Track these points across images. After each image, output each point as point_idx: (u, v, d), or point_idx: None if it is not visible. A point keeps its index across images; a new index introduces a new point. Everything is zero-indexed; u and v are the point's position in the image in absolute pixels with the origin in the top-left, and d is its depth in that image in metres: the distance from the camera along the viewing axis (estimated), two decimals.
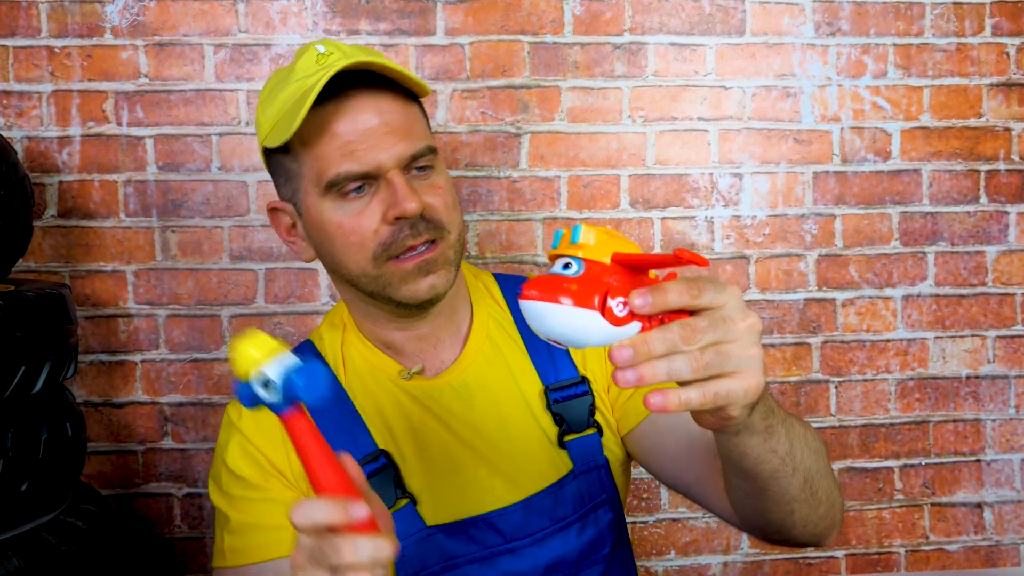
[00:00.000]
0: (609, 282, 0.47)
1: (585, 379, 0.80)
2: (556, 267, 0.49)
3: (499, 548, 0.74)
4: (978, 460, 1.47)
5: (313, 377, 0.48)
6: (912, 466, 1.46)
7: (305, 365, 0.48)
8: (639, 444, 0.81)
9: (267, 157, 0.79)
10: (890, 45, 1.43)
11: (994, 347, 1.47)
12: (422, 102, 0.80)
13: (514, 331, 0.83)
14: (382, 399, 0.78)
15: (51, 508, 1.04)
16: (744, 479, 0.62)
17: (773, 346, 1.44)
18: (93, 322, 1.33)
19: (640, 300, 0.46)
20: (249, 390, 0.49)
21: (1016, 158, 1.46)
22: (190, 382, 1.34)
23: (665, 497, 1.42)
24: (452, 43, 1.36)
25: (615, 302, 0.46)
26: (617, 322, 0.46)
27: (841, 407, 1.45)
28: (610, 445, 0.81)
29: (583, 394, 0.79)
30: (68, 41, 1.31)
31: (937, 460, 1.46)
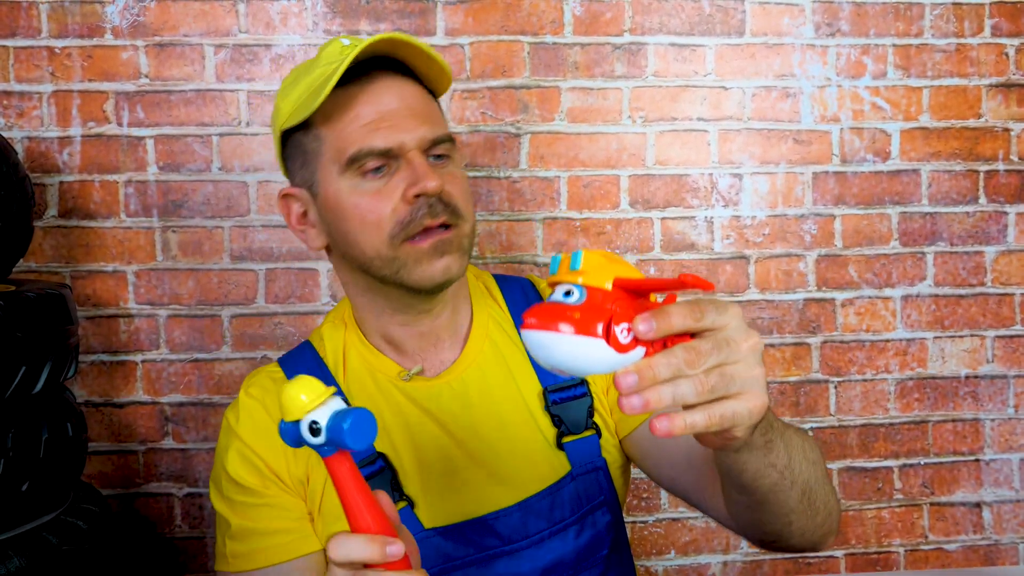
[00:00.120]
0: (612, 309, 0.46)
1: (584, 381, 0.80)
2: (557, 295, 0.48)
3: (497, 550, 0.75)
4: (977, 460, 1.47)
5: (361, 425, 0.49)
6: (911, 466, 1.46)
7: (353, 412, 0.49)
8: (638, 447, 0.81)
9: (284, 142, 0.78)
10: (889, 46, 1.43)
11: (993, 347, 1.47)
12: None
13: (513, 332, 0.83)
14: (381, 402, 0.78)
15: (52, 508, 1.04)
16: (743, 493, 0.62)
17: (773, 346, 1.44)
18: (94, 322, 1.33)
19: (644, 326, 0.45)
20: (296, 432, 0.50)
21: (1015, 158, 1.46)
22: (191, 382, 1.35)
23: (665, 497, 1.43)
24: (452, 43, 1.36)
25: (619, 329, 0.45)
26: (622, 349, 0.46)
27: (840, 407, 1.45)
28: (608, 447, 0.81)
29: (582, 396, 0.79)
30: (68, 41, 1.31)
31: (936, 460, 1.47)
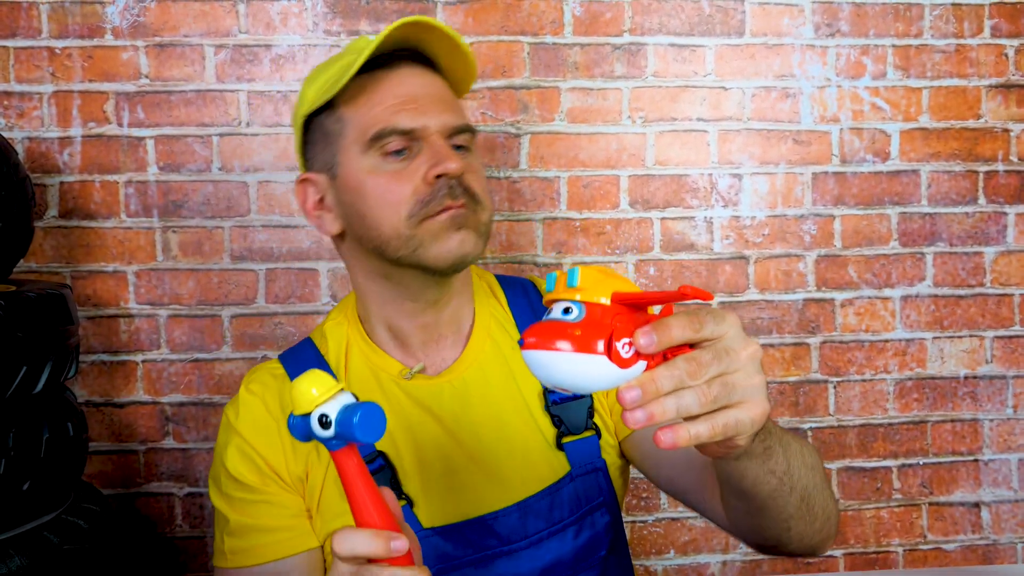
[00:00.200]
0: (613, 324, 0.46)
1: None
2: (555, 313, 0.48)
3: (496, 550, 0.75)
4: (976, 460, 1.47)
5: (371, 419, 0.49)
6: (910, 466, 1.47)
7: (363, 406, 0.49)
8: (637, 449, 0.81)
9: (305, 127, 0.79)
10: (889, 46, 1.43)
11: (992, 347, 1.47)
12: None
13: (515, 332, 0.83)
14: (382, 400, 0.78)
15: (53, 507, 1.04)
16: (742, 499, 0.62)
17: (772, 346, 1.44)
18: (94, 322, 1.34)
19: (645, 340, 0.45)
20: (305, 426, 0.51)
21: (1015, 159, 1.46)
22: (191, 382, 1.35)
23: (664, 497, 1.43)
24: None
25: (620, 344, 0.45)
26: (624, 364, 0.45)
27: (840, 407, 1.45)
28: (608, 448, 0.81)
29: (582, 396, 0.80)
30: (69, 42, 1.31)
31: (935, 460, 1.47)
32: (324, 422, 0.50)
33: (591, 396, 0.80)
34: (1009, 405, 1.48)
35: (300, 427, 0.51)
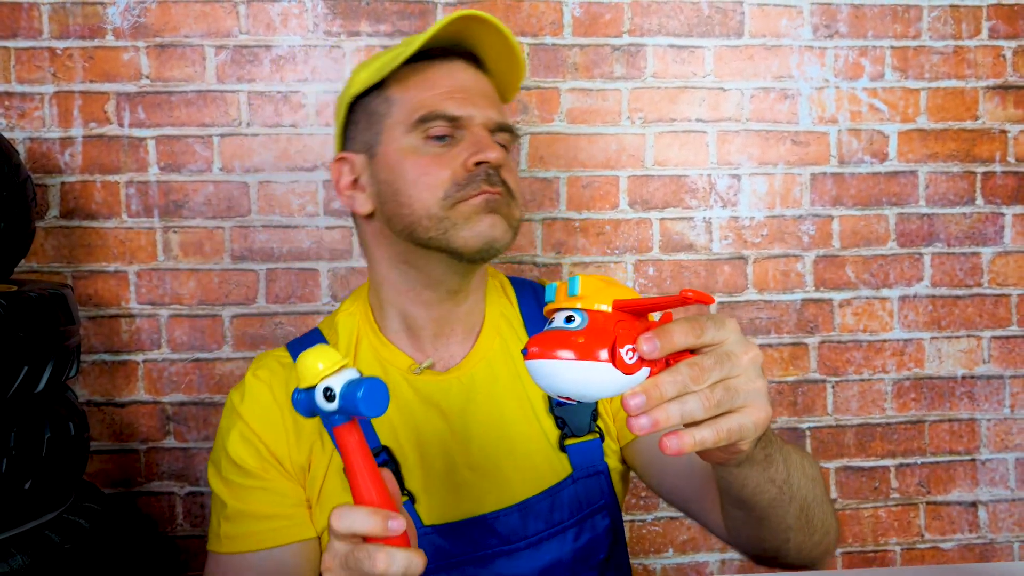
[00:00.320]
0: (616, 331, 0.46)
1: None
2: (558, 321, 0.48)
3: (495, 549, 0.75)
4: (973, 459, 1.48)
5: (374, 393, 0.49)
6: (908, 465, 1.47)
7: (367, 381, 0.50)
8: (639, 456, 0.81)
9: (350, 108, 0.80)
10: (887, 47, 1.43)
11: (989, 347, 1.48)
12: None
13: (523, 333, 0.83)
14: (389, 395, 0.78)
15: (54, 506, 1.05)
16: (742, 508, 0.62)
17: (770, 346, 1.45)
18: (95, 322, 1.34)
19: (648, 346, 0.45)
20: (309, 399, 0.51)
21: (1012, 160, 1.46)
22: (192, 382, 1.35)
23: (649, 489, 1.43)
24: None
25: (624, 350, 0.45)
26: (628, 370, 0.46)
27: (838, 407, 1.46)
28: (610, 453, 0.81)
29: (588, 402, 0.80)
30: (70, 42, 1.31)
31: (933, 459, 1.48)
32: (328, 395, 0.50)
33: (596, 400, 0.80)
34: (1006, 405, 1.48)
35: (304, 401, 0.52)
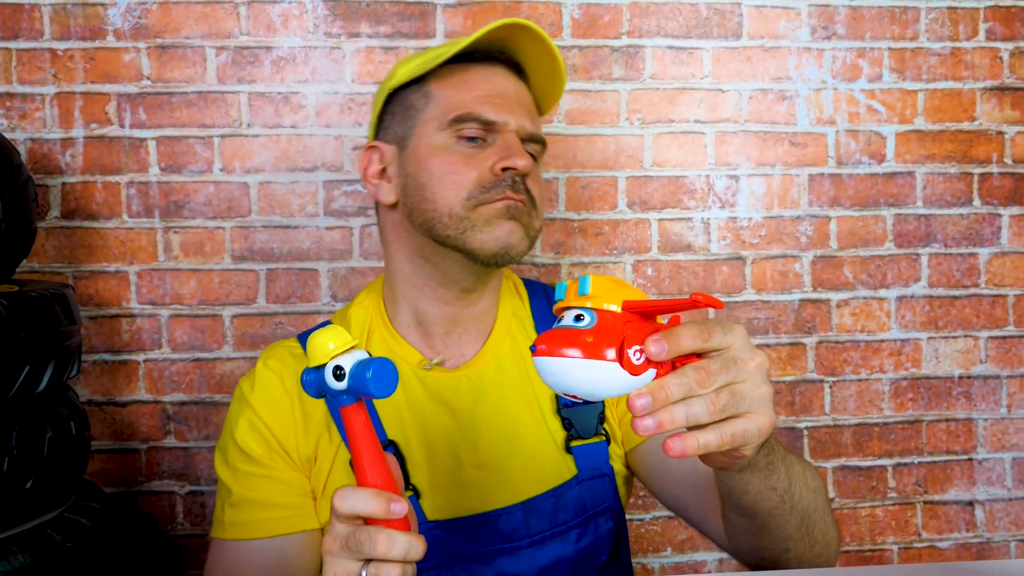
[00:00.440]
0: (624, 331, 0.46)
1: None
2: (567, 320, 0.48)
3: (497, 547, 0.75)
4: (970, 459, 1.49)
5: (383, 374, 0.50)
6: (905, 465, 1.48)
7: (376, 361, 0.50)
8: (643, 462, 0.82)
9: (388, 99, 0.81)
10: (885, 49, 1.44)
11: (986, 347, 1.48)
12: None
13: (534, 332, 0.84)
14: (398, 390, 0.78)
15: (55, 505, 1.05)
16: (743, 516, 0.63)
17: (769, 346, 1.45)
18: (96, 322, 1.35)
19: (656, 348, 0.46)
20: (319, 379, 0.51)
21: (1009, 161, 1.47)
22: (192, 381, 1.36)
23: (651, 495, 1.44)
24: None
25: (632, 351, 0.46)
26: (635, 371, 0.46)
27: (835, 406, 1.47)
28: (615, 456, 0.82)
29: (591, 403, 0.80)
30: (71, 43, 1.32)
31: (930, 459, 1.48)
32: (338, 375, 0.50)
33: (602, 402, 0.80)
34: (1003, 405, 1.49)
35: (314, 381, 0.52)
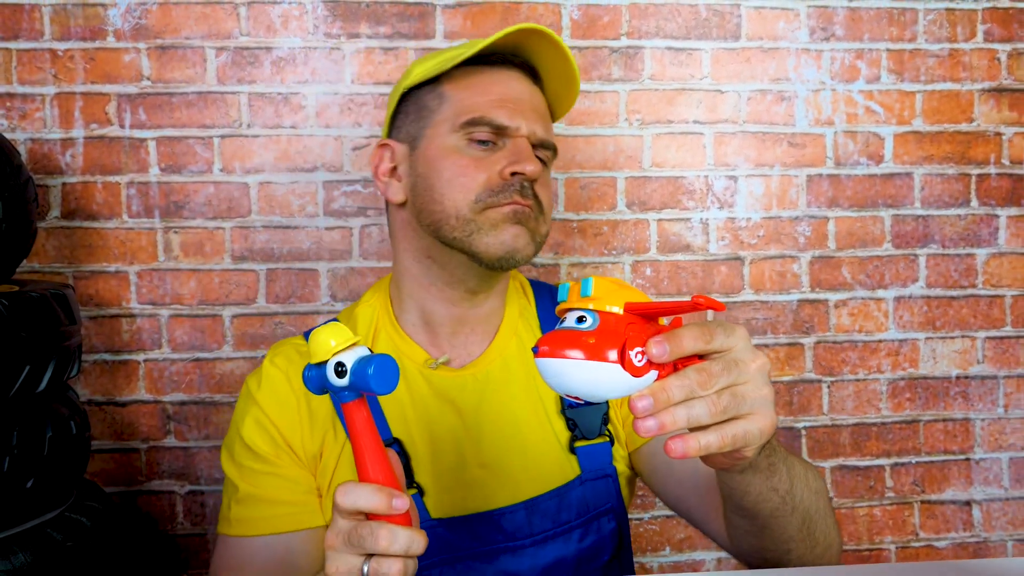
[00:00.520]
0: (626, 333, 0.46)
1: None
2: (569, 321, 0.48)
3: (500, 546, 0.76)
4: (967, 459, 1.49)
5: (385, 370, 0.50)
6: (903, 464, 1.48)
7: (377, 358, 0.50)
8: (647, 463, 0.82)
9: (402, 98, 0.81)
10: (883, 50, 1.45)
11: (983, 348, 1.49)
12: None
13: (539, 333, 0.84)
14: (404, 388, 0.79)
15: (56, 505, 1.05)
16: (744, 517, 0.63)
17: (767, 346, 1.46)
18: (96, 322, 1.35)
19: (658, 349, 0.46)
20: (320, 375, 0.52)
21: (1006, 162, 1.48)
22: (192, 381, 1.36)
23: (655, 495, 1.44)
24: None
25: (633, 353, 0.46)
26: (636, 372, 0.46)
27: (833, 406, 1.47)
28: (618, 457, 0.82)
29: (594, 404, 0.81)
30: (71, 44, 1.32)
31: (927, 459, 1.49)
32: (340, 371, 0.51)
33: (606, 403, 0.81)
34: (1000, 405, 1.49)
35: (315, 377, 0.52)
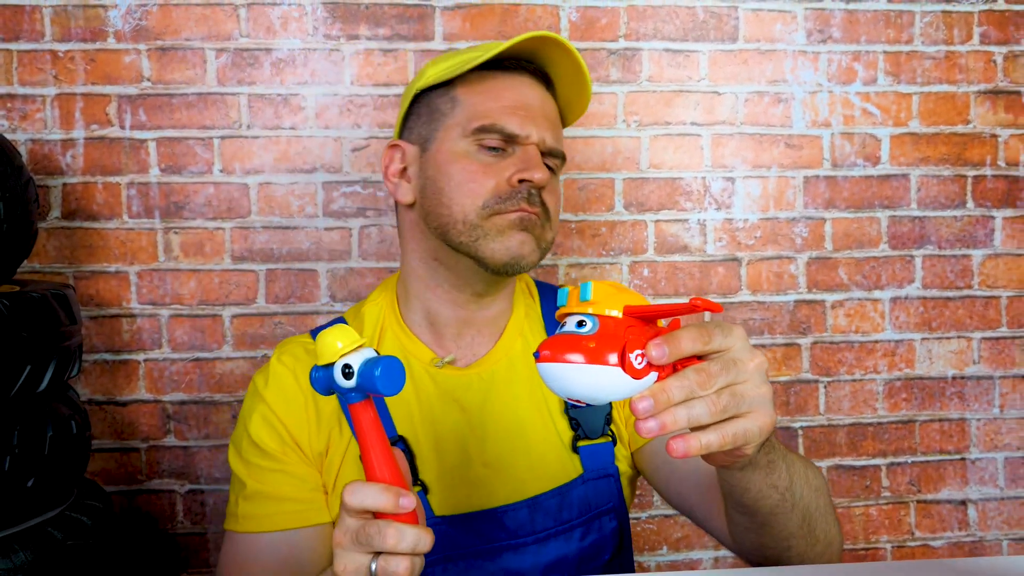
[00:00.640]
0: (626, 336, 0.47)
1: None
2: (569, 326, 0.49)
3: (503, 543, 0.76)
4: (963, 458, 1.50)
5: (391, 372, 0.51)
6: (899, 464, 1.49)
7: (384, 360, 0.51)
8: (649, 462, 0.83)
9: (414, 99, 0.81)
10: (880, 52, 1.45)
11: (979, 348, 1.50)
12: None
13: (544, 334, 0.85)
14: (410, 386, 0.79)
15: (57, 504, 1.06)
16: (744, 514, 0.64)
17: (764, 346, 1.46)
18: (97, 322, 1.35)
19: (657, 351, 0.47)
20: (327, 377, 0.52)
21: (1002, 164, 1.48)
22: (192, 381, 1.36)
23: (657, 494, 1.45)
24: (450, 48, 1.38)
25: (633, 355, 0.47)
26: (637, 375, 0.47)
27: (830, 406, 1.48)
28: (621, 457, 0.83)
29: (597, 405, 0.81)
30: (72, 45, 1.32)
31: (923, 458, 1.49)
32: (347, 373, 0.51)
33: (609, 404, 0.81)
34: (996, 405, 1.50)
35: (322, 379, 0.53)
